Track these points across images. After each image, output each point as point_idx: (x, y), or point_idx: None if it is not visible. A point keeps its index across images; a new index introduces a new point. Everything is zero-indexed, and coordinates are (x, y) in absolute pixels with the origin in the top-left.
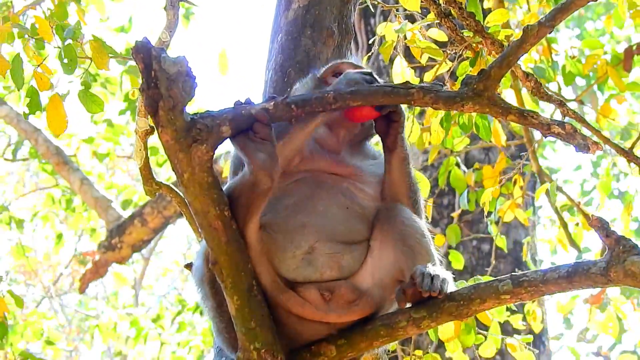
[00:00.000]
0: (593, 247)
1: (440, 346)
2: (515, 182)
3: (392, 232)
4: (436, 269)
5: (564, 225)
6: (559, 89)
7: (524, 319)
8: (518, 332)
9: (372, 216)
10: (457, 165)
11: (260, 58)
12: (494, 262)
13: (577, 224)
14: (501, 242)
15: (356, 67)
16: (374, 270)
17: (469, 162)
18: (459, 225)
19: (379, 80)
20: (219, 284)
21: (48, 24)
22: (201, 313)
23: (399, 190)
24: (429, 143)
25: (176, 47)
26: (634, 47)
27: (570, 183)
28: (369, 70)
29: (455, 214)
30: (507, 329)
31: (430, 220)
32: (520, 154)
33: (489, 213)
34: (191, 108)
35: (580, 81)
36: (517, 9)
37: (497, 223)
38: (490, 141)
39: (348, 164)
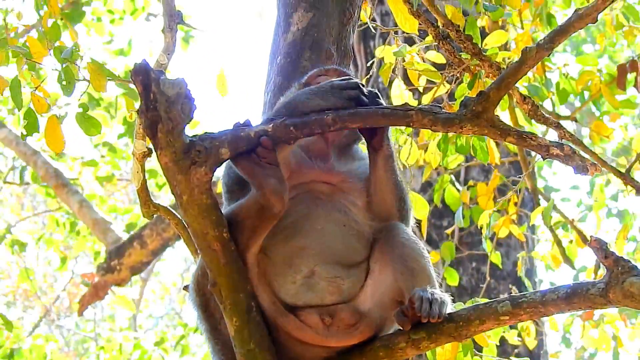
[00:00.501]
0: (587, 263)
1: None
2: (509, 199)
3: (391, 253)
4: (434, 292)
5: (558, 243)
6: (553, 107)
7: (520, 334)
8: (515, 347)
9: (368, 233)
10: (452, 183)
11: (259, 79)
12: (488, 278)
13: (571, 241)
14: (496, 258)
15: (340, 73)
16: (374, 292)
17: (468, 182)
18: (455, 244)
19: (363, 89)
20: (212, 307)
21: (41, 45)
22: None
23: (384, 188)
24: (424, 161)
25: (176, 70)
26: (627, 65)
27: (567, 201)
28: (355, 80)
29: (449, 231)
30: (501, 346)
31: (429, 240)
32: (518, 175)
33: (485, 230)
34: (195, 130)
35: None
36: (510, 26)
37: (491, 239)
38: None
39: (338, 172)
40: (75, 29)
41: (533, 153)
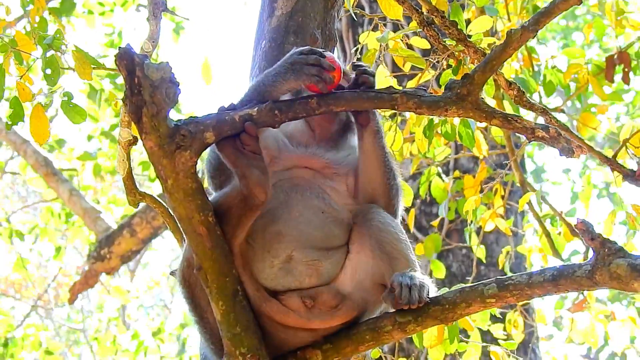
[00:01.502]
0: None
1: None
2: (496, 192)
3: (368, 238)
4: (414, 276)
5: (547, 234)
6: (541, 99)
7: (505, 328)
8: (500, 340)
9: (348, 218)
10: (439, 175)
11: (245, 64)
12: (475, 270)
13: (559, 233)
14: (480, 252)
15: (311, 52)
16: (354, 274)
17: (460, 169)
18: (443, 235)
19: (323, 61)
20: (198, 298)
21: (29, 38)
22: None
23: (372, 164)
24: (410, 153)
25: (167, 61)
26: (615, 56)
27: (559, 185)
28: (314, 55)
29: (435, 223)
30: (486, 339)
31: (419, 228)
32: (504, 162)
33: (470, 222)
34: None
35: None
36: (497, 18)
37: (477, 233)
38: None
39: (320, 157)
40: (67, 23)
41: (520, 145)
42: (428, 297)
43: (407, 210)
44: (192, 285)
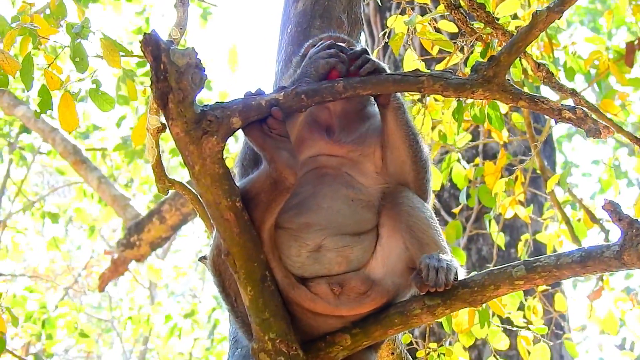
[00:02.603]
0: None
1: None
2: (516, 179)
3: (399, 222)
4: (441, 258)
5: (567, 221)
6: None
7: (525, 316)
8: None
9: (378, 200)
10: (459, 161)
11: (271, 50)
12: (495, 257)
13: (579, 220)
14: (500, 239)
15: (337, 39)
16: (384, 259)
17: (487, 154)
18: (462, 221)
19: (342, 54)
20: (228, 286)
21: (47, 23)
22: None
23: (397, 140)
24: (432, 140)
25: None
26: (636, 42)
27: (588, 176)
28: (332, 49)
29: (456, 210)
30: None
31: (448, 212)
32: (528, 148)
33: (490, 210)
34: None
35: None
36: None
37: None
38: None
39: (343, 143)
40: (92, 8)
41: (542, 132)
42: (456, 280)
43: (437, 195)
44: (223, 272)
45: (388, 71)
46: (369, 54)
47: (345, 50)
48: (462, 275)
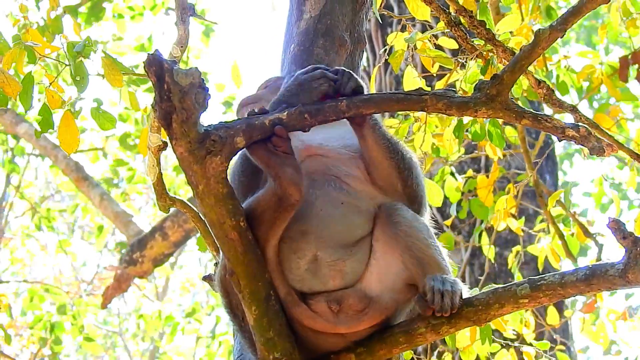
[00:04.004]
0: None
1: None
2: (508, 192)
3: (396, 242)
4: (446, 280)
5: (560, 236)
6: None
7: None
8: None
9: (369, 207)
10: (452, 174)
11: (274, 68)
12: (487, 271)
13: (572, 234)
14: (491, 252)
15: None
16: (380, 275)
17: (488, 168)
18: (463, 236)
19: (329, 74)
20: (235, 307)
21: (41, 36)
22: None
23: (380, 159)
24: (425, 153)
25: (197, 64)
26: (629, 57)
27: (590, 195)
28: (318, 71)
29: (447, 222)
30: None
31: (452, 226)
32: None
33: (481, 222)
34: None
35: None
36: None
37: (488, 232)
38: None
39: (327, 144)
40: (96, 27)
41: (534, 146)
42: (461, 301)
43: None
44: (230, 292)
45: (366, 89)
46: (351, 73)
47: (330, 73)
48: (465, 294)
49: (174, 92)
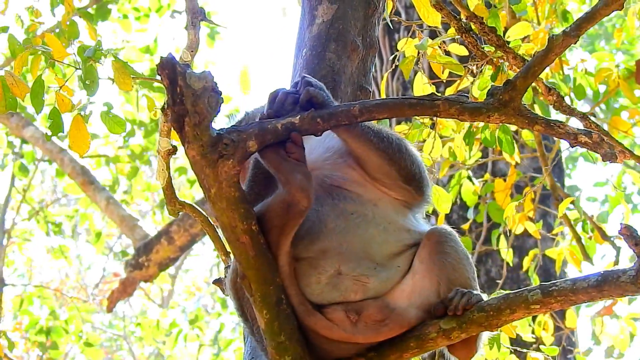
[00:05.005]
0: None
1: None
2: (526, 195)
3: (439, 269)
4: (474, 293)
5: (578, 239)
6: (572, 103)
7: (533, 331)
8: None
9: (373, 208)
10: (469, 178)
11: (285, 73)
12: (505, 274)
13: (589, 238)
14: (509, 255)
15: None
16: (413, 294)
17: (496, 174)
18: (471, 237)
19: (287, 90)
20: (247, 313)
21: (60, 43)
22: None
23: (365, 151)
24: (441, 156)
25: (202, 67)
26: None
27: (594, 200)
28: (273, 93)
29: (465, 226)
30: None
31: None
32: (538, 166)
33: (497, 225)
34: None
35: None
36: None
37: (506, 235)
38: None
39: (312, 154)
40: (101, 28)
41: (551, 149)
42: (475, 305)
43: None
44: (241, 297)
45: (377, 94)
46: (308, 82)
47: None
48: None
49: (187, 96)
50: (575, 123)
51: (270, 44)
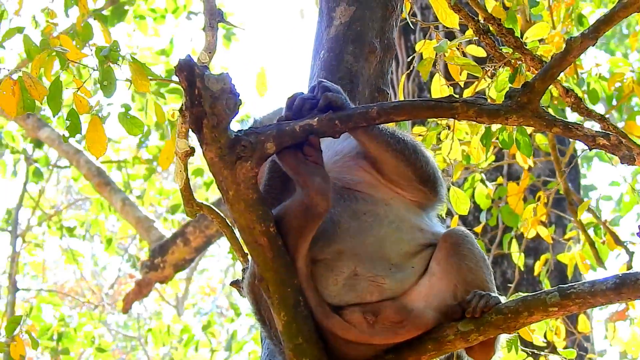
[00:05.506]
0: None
1: None
2: (539, 199)
3: (457, 271)
4: (492, 295)
5: (591, 243)
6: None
7: (546, 335)
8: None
9: (385, 207)
10: (482, 182)
11: (303, 75)
12: (517, 277)
13: (603, 242)
14: (520, 260)
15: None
16: (429, 296)
17: (511, 176)
18: (485, 243)
19: (305, 96)
20: (266, 317)
21: (73, 43)
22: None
23: (381, 153)
24: (454, 160)
25: (218, 68)
26: None
27: (608, 199)
28: (292, 97)
29: (478, 229)
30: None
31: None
32: (552, 170)
33: (510, 229)
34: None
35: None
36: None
37: (518, 239)
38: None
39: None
40: (117, 29)
41: (565, 153)
42: (493, 308)
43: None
44: (259, 299)
45: (393, 96)
46: (326, 87)
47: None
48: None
49: (205, 98)
50: (589, 125)
51: (287, 45)
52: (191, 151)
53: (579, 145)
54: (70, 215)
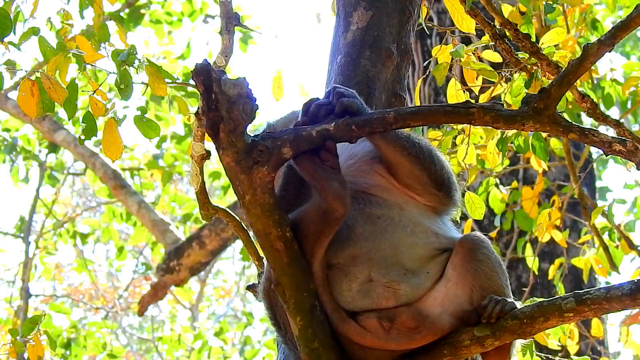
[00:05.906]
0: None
1: None
2: (553, 203)
3: (473, 277)
4: (508, 301)
5: (605, 248)
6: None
7: (560, 340)
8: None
9: (400, 212)
10: (497, 186)
11: (320, 80)
12: (531, 281)
13: (617, 247)
14: (535, 264)
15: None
16: (445, 302)
17: (526, 180)
18: (500, 247)
19: (321, 101)
20: (280, 322)
21: (89, 44)
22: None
23: (397, 156)
24: (467, 165)
25: (235, 71)
26: None
27: (622, 203)
28: (308, 103)
29: (492, 234)
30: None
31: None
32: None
33: (524, 233)
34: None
35: None
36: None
37: (532, 243)
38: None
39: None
40: (133, 36)
41: (580, 158)
42: (508, 313)
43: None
44: (274, 304)
45: (410, 101)
46: (341, 93)
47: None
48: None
49: (222, 102)
50: (603, 129)
51: (304, 50)
52: (207, 154)
53: (594, 149)
54: (84, 218)
